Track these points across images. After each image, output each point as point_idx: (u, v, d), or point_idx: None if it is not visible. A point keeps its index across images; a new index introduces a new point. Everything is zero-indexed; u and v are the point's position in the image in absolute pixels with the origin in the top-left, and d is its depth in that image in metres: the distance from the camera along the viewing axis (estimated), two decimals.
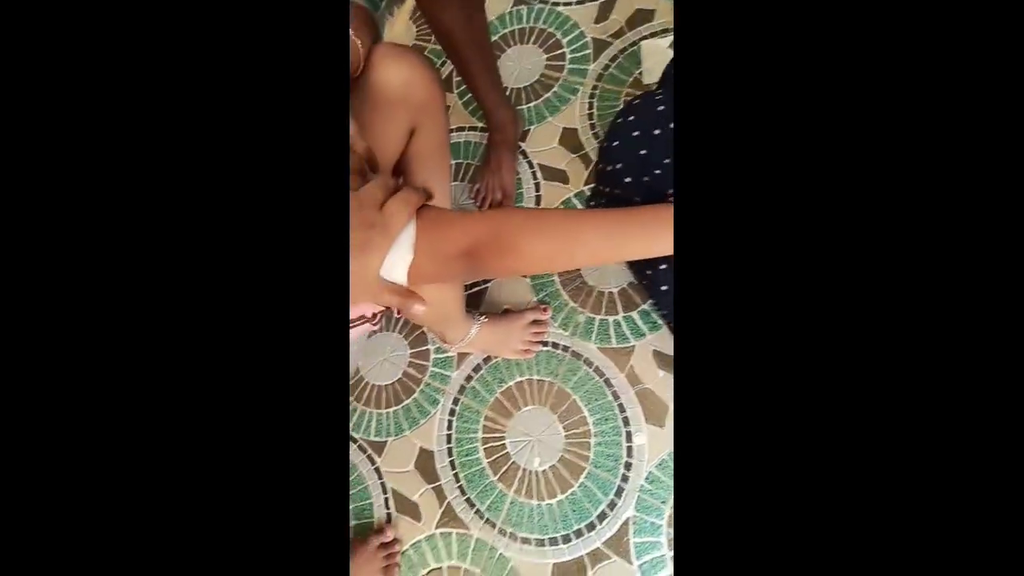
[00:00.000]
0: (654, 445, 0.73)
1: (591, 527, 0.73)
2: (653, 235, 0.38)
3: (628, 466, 0.74)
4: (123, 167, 0.24)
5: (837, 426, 0.22)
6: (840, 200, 0.23)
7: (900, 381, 0.22)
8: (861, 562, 0.22)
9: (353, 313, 0.46)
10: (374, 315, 0.49)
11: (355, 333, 0.51)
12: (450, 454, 0.82)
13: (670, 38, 0.93)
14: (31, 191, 0.23)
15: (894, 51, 0.22)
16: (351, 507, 0.84)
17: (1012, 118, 0.21)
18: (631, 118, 0.43)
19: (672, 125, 0.41)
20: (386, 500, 0.83)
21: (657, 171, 0.42)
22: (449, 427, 0.83)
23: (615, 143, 0.44)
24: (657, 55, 0.93)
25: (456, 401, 0.84)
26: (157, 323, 0.24)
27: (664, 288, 0.44)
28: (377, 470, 0.84)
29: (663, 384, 0.76)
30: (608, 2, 0.99)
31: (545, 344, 0.82)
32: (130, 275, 0.23)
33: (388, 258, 0.35)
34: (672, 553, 0.69)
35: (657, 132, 0.42)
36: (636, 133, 0.43)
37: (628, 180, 0.44)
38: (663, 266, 0.43)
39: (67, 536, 0.23)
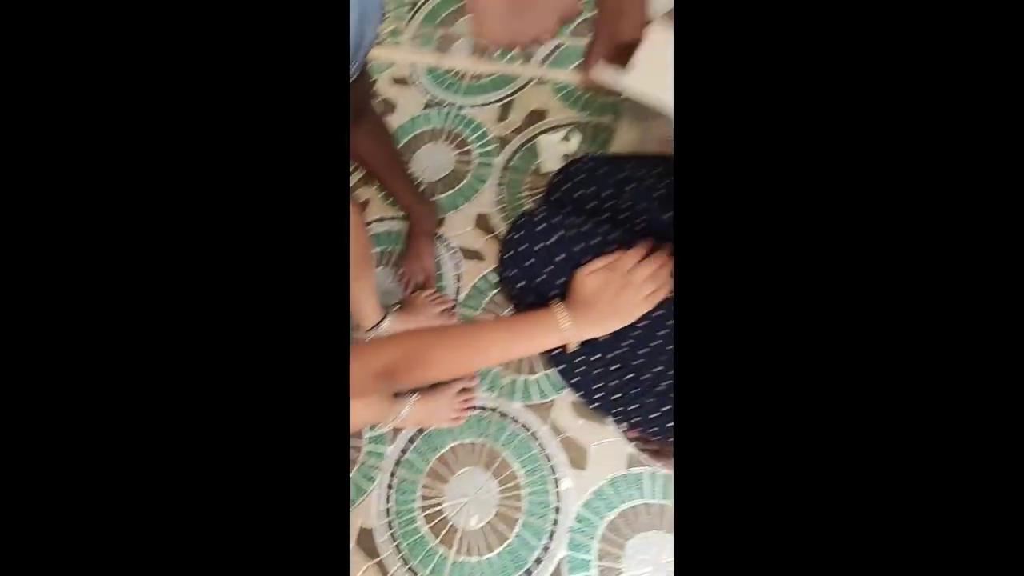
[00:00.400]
0: (579, 487, 0.82)
1: (528, 572, 0.79)
2: (538, 336, 0.50)
3: (558, 510, 0.82)
4: (119, 188, 0.24)
5: (824, 464, 0.23)
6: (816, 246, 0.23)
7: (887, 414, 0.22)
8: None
9: None
10: None
11: None
12: (390, 527, 0.85)
13: (561, 133, 1.11)
14: (29, 197, 0.23)
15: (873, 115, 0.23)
16: None
17: (1005, 138, 0.21)
18: (520, 234, 0.55)
19: (550, 240, 0.54)
20: None
21: (542, 278, 0.54)
22: (388, 501, 0.86)
23: (508, 254, 0.56)
24: (551, 148, 1.10)
25: (393, 475, 0.88)
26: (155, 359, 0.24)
27: (561, 367, 0.55)
28: None
29: (583, 431, 0.86)
30: (507, 104, 1.16)
31: (474, 408, 0.90)
32: (125, 296, 0.24)
33: None
34: None
35: (538, 247, 0.55)
36: (523, 247, 0.55)
37: (520, 285, 0.55)
38: (556, 351, 0.54)
39: (65, 545, 0.23)
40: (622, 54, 0.59)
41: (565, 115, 1.12)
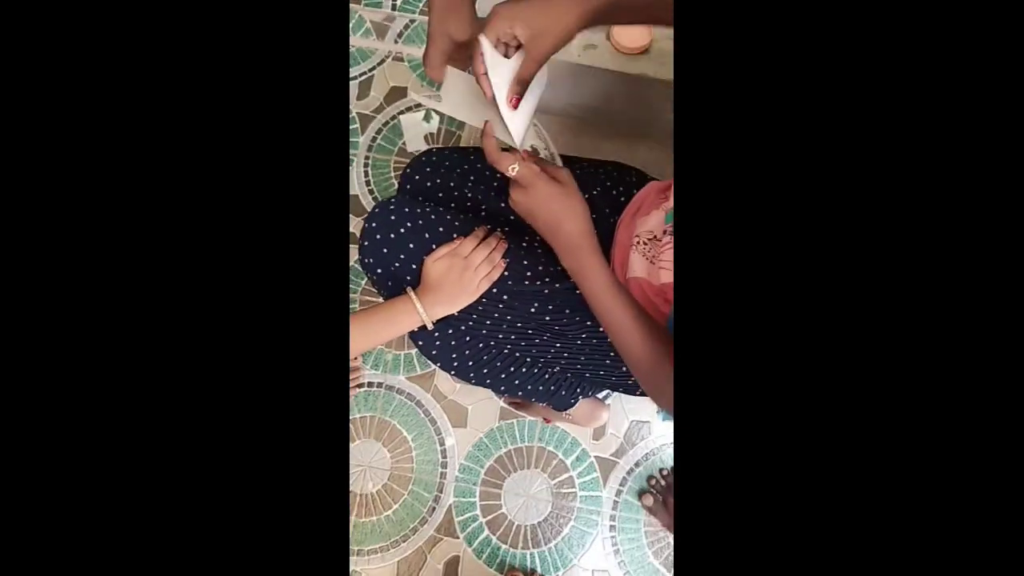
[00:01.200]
0: (461, 442, 0.93)
1: (423, 521, 0.89)
2: (399, 321, 0.58)
3: (444, 464, 0.92)
4: (122, 171, 0.24)
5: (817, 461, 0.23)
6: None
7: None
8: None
9: None
10: None
11: None
12: None
13: (422, 112, 1.14)
14: (28, 197, 0.23)
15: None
16: None
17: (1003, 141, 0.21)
18: (374, 224, 0.60)
19: (402, 229, 0.60)
20: None
21: (396, 264, 0.60)
22: None
23: (365, 243, 0.61)
24: (415, 127, 1.13)
25: None
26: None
27: (420, 343, 0.63)
28: None
29: (461, 393, 0.95)
30: (366, 81, 1.15)
31: (362, 386, 0.95)
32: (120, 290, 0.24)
33: None
34: (485, 519, 0.89)
35: (392, 236, 0.60)
36: (378, 236, 0.60)
37: (379, 271, 0.61)
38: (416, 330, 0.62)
39: (60, 543, 0.23)
40: (459, 50, 0.65)
41: (425, 93, 1.14)
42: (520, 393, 0.68)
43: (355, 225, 1.05)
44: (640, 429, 0.93)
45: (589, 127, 0.92)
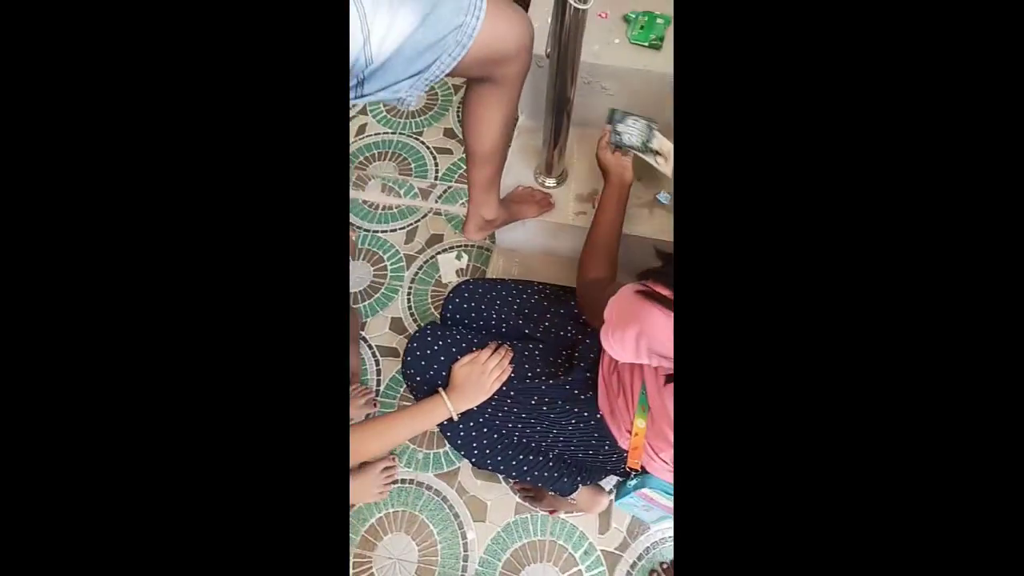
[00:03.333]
0: (481, 536, 1.02)
1: None
2: (431, 415, 0.76)
3: (466, 557, 1.01)
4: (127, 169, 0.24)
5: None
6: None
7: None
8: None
9: None
10: None
11: None
12: None
13: (455, 252, 1.42)
14: (29, 197, 0.23)
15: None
16: None
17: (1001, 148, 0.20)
18: (415, 345, 0.82)
19: (436, 347, 0.81)
20: None
21: (431, 373, 0.81)
22: None
23: (408, 358, 0.82)
24: (449, 264, 1.40)
25: None
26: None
27: (448, 435, 0.81)
28: None
29: (482, 489, 1.07)
30: (412, 230, 1.46)
31: (396, 482, 1.09)
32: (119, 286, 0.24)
33: None
34: None
35: (428, 352, 0.81)
36: (418, 353, 0.81)
37: (418, 379, 0.81)
38: (445, 422, 0.80)
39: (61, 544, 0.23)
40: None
41: (457, 239, 1.44)
42: (528, 478, 0.82)
43: (397, 342, 1.27)
44: (640, 524, 1.01)
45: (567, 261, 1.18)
